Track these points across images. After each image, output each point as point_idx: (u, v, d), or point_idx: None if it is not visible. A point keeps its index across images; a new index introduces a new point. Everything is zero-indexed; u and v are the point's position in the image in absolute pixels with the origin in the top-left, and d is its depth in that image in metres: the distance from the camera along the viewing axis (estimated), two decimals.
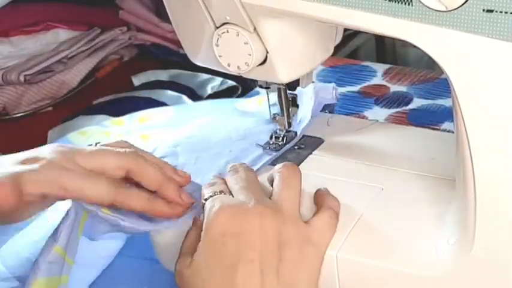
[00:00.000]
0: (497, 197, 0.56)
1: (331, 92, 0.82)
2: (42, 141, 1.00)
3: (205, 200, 0.65)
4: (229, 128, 0.84)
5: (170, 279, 0.73)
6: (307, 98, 0.80)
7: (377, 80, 1.05)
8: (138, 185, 0.67)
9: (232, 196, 0.65)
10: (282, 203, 0.64)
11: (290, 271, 0.61)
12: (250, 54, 0.64)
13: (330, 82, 1.03)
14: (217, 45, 0.65)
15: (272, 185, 0.66)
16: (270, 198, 0.65)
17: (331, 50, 0.70)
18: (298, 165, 0.73)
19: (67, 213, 0.66)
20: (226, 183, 0.67)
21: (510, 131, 0.54)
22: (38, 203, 0.64)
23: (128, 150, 0.67)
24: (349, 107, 0.99)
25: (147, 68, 1.17)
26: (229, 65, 0.66)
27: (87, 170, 0.64)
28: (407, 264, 0.61)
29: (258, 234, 0.61)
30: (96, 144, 0.70)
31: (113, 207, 0.66)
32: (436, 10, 0.53)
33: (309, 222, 0.64)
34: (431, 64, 0.63)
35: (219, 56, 0.66)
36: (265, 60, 0.65)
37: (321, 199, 0.66)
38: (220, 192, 0.65)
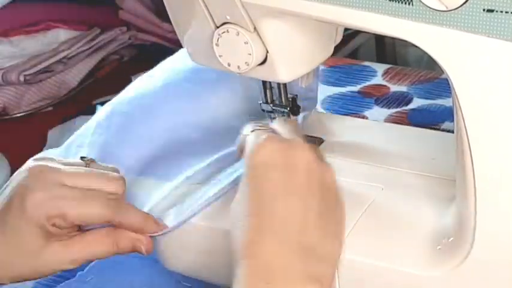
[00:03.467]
0: (497, 197, 0.57)
1: None
2: (42, 141, 1.01)
3: (247, 134, 0.64)
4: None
5: (170, 279, 0.74)
6: None
7: (377, 80, 1.05)
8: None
9: None
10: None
11: (329, 214, 0.60)
12: (250, 54, 0.64)
13: (330, 82, 1.03)
14: (217, 45, 0.65)
15: None
16: None
17: (331, 50, 0.70)
18: None
19: None
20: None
21: (510, 131, 0.54)
22: None
23: (112, 197, 0.65)
24: (349, 107, 0.99)
25: (147, 68, 1.16)
26: (229, 65, 0.66)
27: (82, 190, 0.64)
28: (407, 264, 0.61)
29: (303, 171, 0.59)
30: (85, 161, 0.68)
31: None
32: (436, 10, 0.53)
33: None
34: (431, 64, 0.63)
35: (219, 56, 0.66)
36: (265, 60, 0.65)
37: None
38: (264, 128, 0.64)
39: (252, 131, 0.63)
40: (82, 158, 0.68)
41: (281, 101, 0.74)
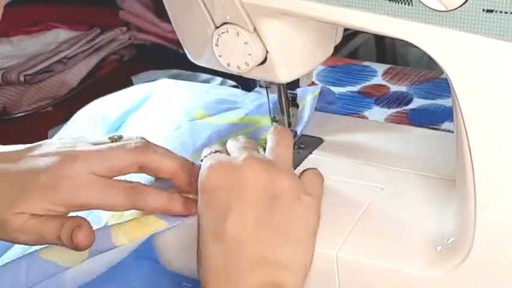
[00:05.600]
0: (497, 197, 0.57)
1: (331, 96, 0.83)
2: None
3: (201, 160, 0.66)
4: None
5: (170, 279, 0.74)
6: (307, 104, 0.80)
7: (377, 80, 1.05)
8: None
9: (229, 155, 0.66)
10: (275, 157, 0.65)
11: (285, 222, 0.61)
12: (250, 54, 0.64)
13: (330, 82, 1.03)
14: (217, 45, 0.65)
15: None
16: None
17: (331, 50, 0.70)
18: (298, 165, 0.73)
19: None
20: (225, 149, 0.68)
21: (510, 131, 0.54)
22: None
23: (137, 144, 0.67)
24: (349, 107, 0.99)
25: (147, 68, 1.17)
26: (229, 65, 0.66)
27: (102, 180, 0.65)
28: (407, 264, 0.61)
29: (249, 185, 0.62)
30: (113, 138, 0.69)
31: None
32: (436, 10, 0.53)
33: (300, 177, 0.65)
34: (431, 64, 0.63)
35: (219, 56, 0.66)
36: (265, 60, 0.65)
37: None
38: (216, 152, 0.66)
39: (205, 156, 0.66)
40: (109, 137, 0.70)
41: (281, 101, 0.74)
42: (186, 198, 0.68)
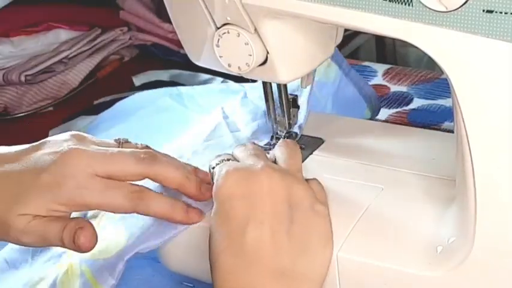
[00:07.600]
0: (497, 197, 0.57)
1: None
2: None
3: (213, 168, 0.65)
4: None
5: (170, 279, 0.74)
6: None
7: (377, 80, 1.05)
8: None
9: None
10: (288, 167, 0.65)
11: (302, 232, 0.61)
12: (250, 55, 0.64)
13: None
14: (217, 46, 0.65)
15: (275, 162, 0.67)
16: None
17: (332, 51, 0.70)
18: None
19: None
20: (232, 156, 0.68)
21: (510, 131, 0.54)
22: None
23: (144, 154, 0.66)
24: None
25: (147, 68, 1.17)
26: (229, 66, 0.66)
27: (105, 181, 0.64)
28: (407, 264, 0.61)
29: (267, 195, 0.61)
30: (119, 141, 0.69)
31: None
32: (436, 10, 0.53)
33: None
34: (431, 64, 0.63)
35: (220, 57, 0.66)
36: (265, 61, 0.65)
37: None
38: (228, 160, 0.66)
39: (217, 165, 0.65)
40: (116, 140, 0.69)
41: (281, 101, 0.74)
42: (189, 207, 0.67)
